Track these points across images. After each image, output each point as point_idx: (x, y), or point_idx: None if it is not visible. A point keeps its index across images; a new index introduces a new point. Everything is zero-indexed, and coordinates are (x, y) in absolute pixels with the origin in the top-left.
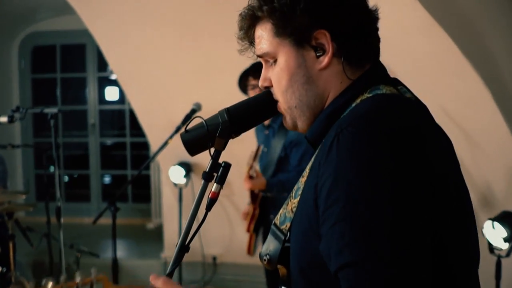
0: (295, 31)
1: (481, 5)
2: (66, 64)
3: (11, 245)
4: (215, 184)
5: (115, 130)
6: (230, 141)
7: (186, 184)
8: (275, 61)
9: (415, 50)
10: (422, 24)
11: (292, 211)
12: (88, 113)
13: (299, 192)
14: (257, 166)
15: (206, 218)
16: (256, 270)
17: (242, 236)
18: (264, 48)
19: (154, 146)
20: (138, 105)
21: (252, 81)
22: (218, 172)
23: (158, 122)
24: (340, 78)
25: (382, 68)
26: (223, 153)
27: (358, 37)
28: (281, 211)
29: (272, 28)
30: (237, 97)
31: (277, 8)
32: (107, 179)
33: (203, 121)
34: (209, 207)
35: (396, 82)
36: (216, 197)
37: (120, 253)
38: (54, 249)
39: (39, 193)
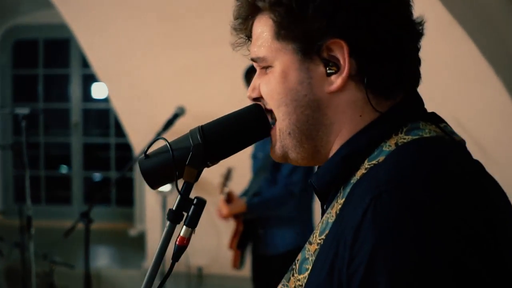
0: (302, 36)
1: (505, 5)
2: (49, 60)
3: None
4: (184, 227)
5: (102, 129)
6: None
7: (171, 191)
8: (270, 66)
9: (430, 51)
10: (439, 22)
11: None
12: (71, 111)
13: (307, 266)
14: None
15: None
16: (243, 282)
17: None
18: (259, 52)
19: (136, 147)
20: (120, 104)
21: None
22: (189, 212)
23: (141, 123)
24: (359, 109)
25: (419, 99)
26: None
27: (389, 56)
28: None
29: (273, 27)
30: (227, 101)
31: (283, 1)
32: (95, 179)
33: (167, 144)
34: (176, 257)
35: (435, 118)
36: (185, 244)
37: (100, 262)
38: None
39: (18, 196)
